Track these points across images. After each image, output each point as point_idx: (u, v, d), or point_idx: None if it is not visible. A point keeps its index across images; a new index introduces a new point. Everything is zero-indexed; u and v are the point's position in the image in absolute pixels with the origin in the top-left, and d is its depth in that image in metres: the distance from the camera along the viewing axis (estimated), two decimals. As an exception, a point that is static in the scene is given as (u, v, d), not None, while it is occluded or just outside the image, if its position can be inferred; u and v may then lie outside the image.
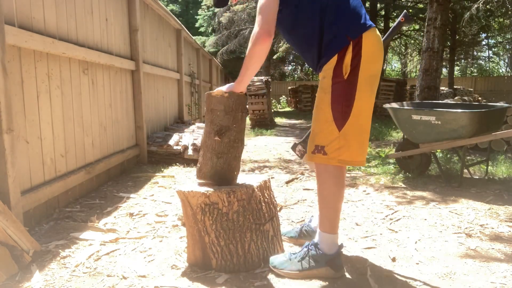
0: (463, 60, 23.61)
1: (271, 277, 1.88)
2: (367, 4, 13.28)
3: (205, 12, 23.72)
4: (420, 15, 13.43)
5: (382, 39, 1.92)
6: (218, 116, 1.90)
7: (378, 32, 1.86)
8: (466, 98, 8.28)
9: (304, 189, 3.58)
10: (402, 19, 2.17)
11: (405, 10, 2.24)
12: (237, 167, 1.98)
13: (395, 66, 34.92)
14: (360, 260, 2.09)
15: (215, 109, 1.90)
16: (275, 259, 1.93)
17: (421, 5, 13.24)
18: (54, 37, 2.85)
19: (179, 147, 4.79)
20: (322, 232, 1.88)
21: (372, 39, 1.78)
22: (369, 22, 1.83)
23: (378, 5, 13.36)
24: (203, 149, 1.98)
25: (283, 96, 21.02)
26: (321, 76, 1.86)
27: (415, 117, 3.66)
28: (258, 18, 1.77)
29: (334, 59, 1.77)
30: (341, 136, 1.78)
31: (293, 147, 2.40)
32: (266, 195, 2.00)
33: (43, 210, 2.72)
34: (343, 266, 1.89)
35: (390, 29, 2.31)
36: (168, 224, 2.65)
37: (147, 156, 4.82)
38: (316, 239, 1.92)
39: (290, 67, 29.92)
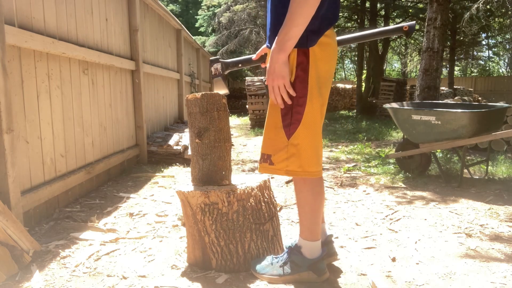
0: (463, 60, 23.62)
1: (271, 277, 1.88)
2: (367, 4, 13.27)
3: (205, 12, 23.71)
4: (420, 15, 13.43)
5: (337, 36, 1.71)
6: (196, 118, 1.92)
7: (332, 29, 1.66)
8: (466, 98, 8.28)
9: (304, 189, 3.58)
10: (405, 27, 1.81)
11: (414, 22, 1.89)
12: (224, 167, 1.97)
13: (395, 66, 34.93)
14: (360, 260, 2.09)
15: (192, 112, 1.92)
16: (256, 264, 1.87)
17: (421, 5, 13.23)
18: (54, 37, 2.85)
19: (179, 147, 4.79)
20: (303, 240, 1.80)
21: (325, 37, 1.59)
22: (333, 22, 1.62)
23: (378, 5, 13.35)
24: (191, 154, 1.99)
25: (283, 96, 20.98)
26: None
27: (415, 117, 3.66)
28: None
29: None
30: (290, 145, 1.63)
31: (212, 62, 1.92)
32: (266, 195, 2.00)
33: (43, 210, 2.72)
34: (326, 270, 1.83)
35: (386, 28, 1.88)
36: (168, 224, 2.65)
37: (147, 156, 4.83)
38: (298, 242, 1.86)
39: (290, 67, 29.90)
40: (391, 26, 1.84)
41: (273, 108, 1.67)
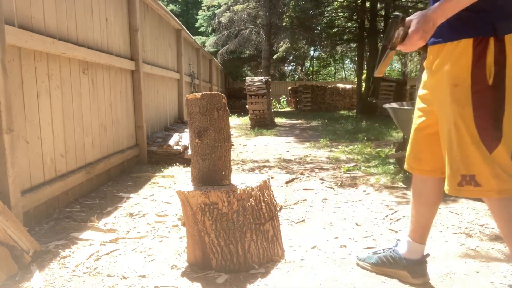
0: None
1: (271, 277, 1.88)
2: (367, 4, 13.28)
3: (205, 12, 23.73)
4: (420, 15, 13.42)
5: None
6: (195, 118, 1.92)
7: None
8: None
9: (304, 189, 3.58)
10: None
11: None
12: (224, 167, 1.97)
13: (395, 66, 34.94)
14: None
15: (192, 112, 1.93)
16: (363, 254, 2.02)
17: (421, 5, 13.25)
18: (54, 37, 2.86)
19: (179, 147, 4.79)
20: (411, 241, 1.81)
21: None
22: None
23: (378, 5, 13.36)
24: (191, 154, 2.00)
25: (283, 96, 21.04)
26: (437, 70, 1.46)
27: (415, 117, 3.65)
28: None
29: (457, 46, 1.37)
30: (494, 160, 1.39)
31: (397, 22, 1.43)
32: (266, 195, 2.00)
33: (43, 210, 2.72)
34: (425, 275, 1.79)
35: None
36: (168, 224, 2.65)
37: (147, 156, 4.83)
38: (402, 249, 1.84)
39: (290, 67, 29.96)
40: None
41: (462, 119, 1.41)
